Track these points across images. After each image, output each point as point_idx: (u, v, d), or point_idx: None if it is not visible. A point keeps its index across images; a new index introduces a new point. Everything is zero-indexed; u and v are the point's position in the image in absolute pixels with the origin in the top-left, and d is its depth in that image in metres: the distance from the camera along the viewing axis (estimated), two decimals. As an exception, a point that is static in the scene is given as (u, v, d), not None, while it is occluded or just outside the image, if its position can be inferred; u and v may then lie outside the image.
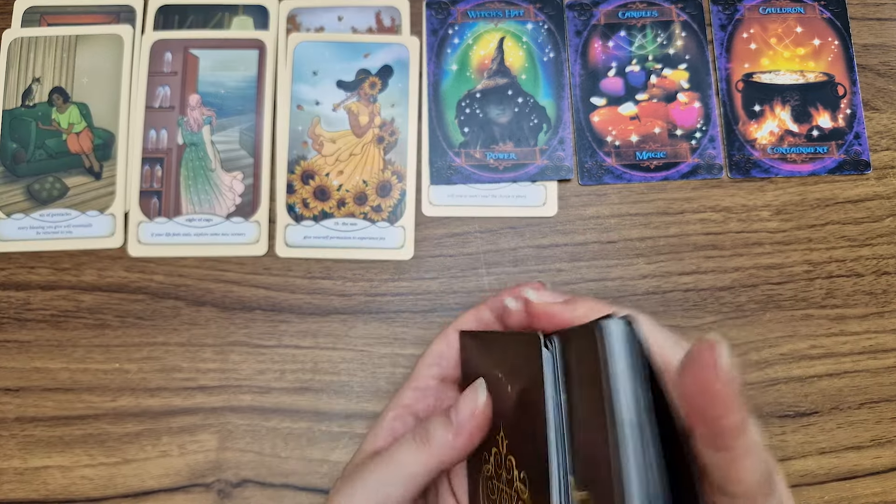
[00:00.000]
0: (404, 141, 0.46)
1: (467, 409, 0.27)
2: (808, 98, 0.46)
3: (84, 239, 0.44)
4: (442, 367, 0.32)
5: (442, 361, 0.32)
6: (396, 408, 0.31)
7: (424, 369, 0.32)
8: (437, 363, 0.32)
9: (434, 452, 0.27)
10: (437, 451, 0.27)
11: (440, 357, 0.32)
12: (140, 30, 0.47)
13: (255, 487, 0.40)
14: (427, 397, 0.31)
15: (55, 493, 0.40)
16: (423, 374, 0.32)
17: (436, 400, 0.32)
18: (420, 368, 0.32)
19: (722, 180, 0.45)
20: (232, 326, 0.43)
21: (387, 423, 0.30)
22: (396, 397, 0.32)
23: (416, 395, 0.31)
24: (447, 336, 0.33)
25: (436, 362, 0.32)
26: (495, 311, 0.33)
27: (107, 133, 0.45)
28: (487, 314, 0.33)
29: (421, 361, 0.32)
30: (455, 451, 0.27)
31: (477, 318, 0.33)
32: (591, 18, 0.48)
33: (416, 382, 0.32)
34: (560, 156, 0.45)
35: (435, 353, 0.32)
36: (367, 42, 0.47)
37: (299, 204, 0.45)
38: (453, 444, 0.27)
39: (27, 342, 0.42)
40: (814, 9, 0.48)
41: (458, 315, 0.33)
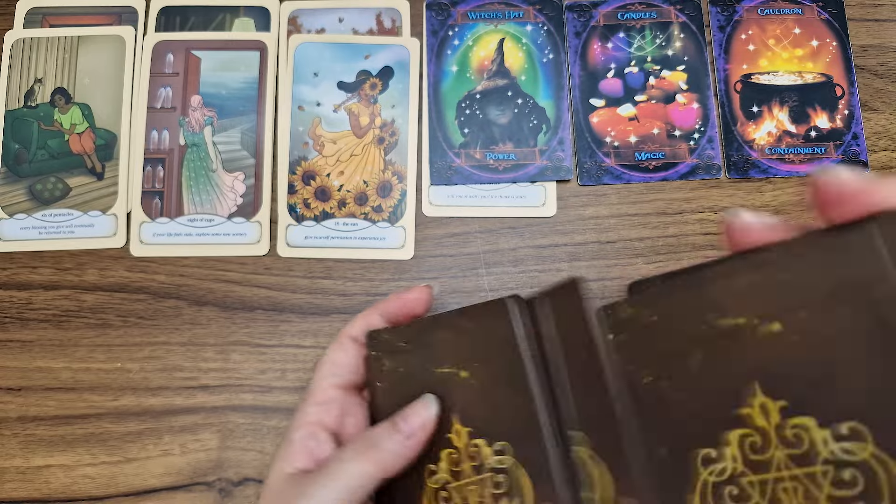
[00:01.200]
0: (405, 141, 0.46)
1: (417, 419, 0.27)
2: (806, 99, 0.47)
3: (86, 239, 0.44)
4: (341, 377, 0.31)
5: (341, 371, 0.32)
6: (303, 426, 0.30)
7: (323, 381, 0.31)
8: (334, 373, 0.32)
9: (380, 461, 0.27)
10: (383, 459, 0.27)
11: (337, 366, 0.32)
12: (142, 31, 0.47)
13: (257, 486, 0.40)
14: (332, 410, 0.31)
15: (57, 491, 0.40)
16: (322, 385, 0.31)
17: (340, 410, 0.31)
18: (318, 381, 0.32)
19: (720, 181, 0.46)
20: (233, 326, 0.43)
21: (298, 443, 0.30)
22: (300, 416, 0.31)
23: (321, 410, 0.31)
24: (342, 344, 0.32)
25: (333, 372, 0.32)
26: (384, 316, 0.33)
27: (109, 133, 0.46)
28: (377, 319, 0.33)
29: (317, 374, 0.32)
30: (402, 459, 0.27)
31: (367, 324, 0.32)
32: (590, 20, 0.48)
33: (316, 397, 0.31)
34: (559, 156, 0.46)
35: (331, 362, 0.32)
36: (367, 43, 0.47)
37: (300, 204, 0.45)
38: (401, 452, 0.27)
39: (29, 342, 0.43)
40: (812, 10, 0.48)
41: (350, 322, 0.33)
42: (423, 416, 0.28)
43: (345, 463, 0.27)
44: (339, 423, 0.31)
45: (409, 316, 0.33)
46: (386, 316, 0.33)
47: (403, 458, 0.27)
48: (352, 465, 0.27)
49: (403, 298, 0.33)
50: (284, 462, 0.29)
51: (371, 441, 0.28)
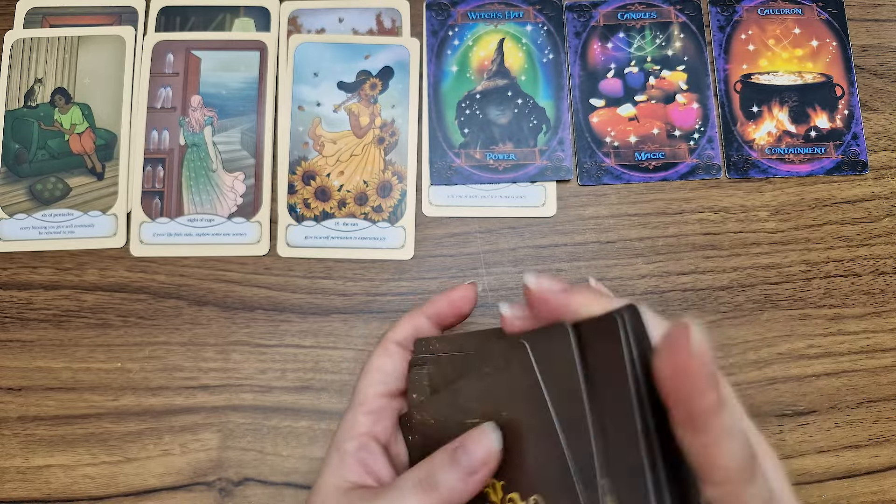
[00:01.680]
0: (404, 141, 0.46)
1: (481, 452, 0.25)
2: (806, 99, 0.47)
3: (86, 239, 0.44)
4: (387, 384, 0.30)
5: (386, 378, 0.30)
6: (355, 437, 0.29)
7: (370, 389, 0.30)
8: (381, 381, 0.30)
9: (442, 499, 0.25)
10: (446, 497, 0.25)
11: (383, 373, 0.30)
12: (142, 31, 0.47)
13: (257, 486, 0.41)
14: (383, 419, 0.30)
15: (57, 491, 0.40)
16: (369, 394, 0.30)
17: (390, 420, 0.30)
18: (365, 388, 0.30)
19: (720, 181, 0.46)
20: (233, 326, 0.43)
21: (351, 455, 0.28)
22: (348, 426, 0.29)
23: (371, 419, 0.29)
24: (387, 349, 0.31)
25: (380, 380, 0.30)
26: (432, 319, 0.31)
27: (109, 133, 0.46)
28: (424, 321, 0.31)
29: (364, 380, 0.30)
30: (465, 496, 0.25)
31: (413, 326, 0.31)
32: (590, 20, 0.48)
33: (365, 406, 0.30)
34: (559, 156, 0.46)
35: (378, 369, 0.30)
36: (367, 43, 0.47)
37: (300, 204, 0.45)
38: (464, 489, 0.25)
39: (29, 342, 0.43)
40: (812, 10, 0.48)
41: (392, 325, 0.32)
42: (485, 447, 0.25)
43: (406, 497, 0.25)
44: (389, 435, 0.30)
45: (457, 315, 0.32)
46: (433, 318, 0.32)
47: (468, 493, 0.25)
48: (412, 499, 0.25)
49: (449, 297, 0.32)
50: (337, 474, 0.28)
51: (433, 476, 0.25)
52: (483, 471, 0.25)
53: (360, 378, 0.31)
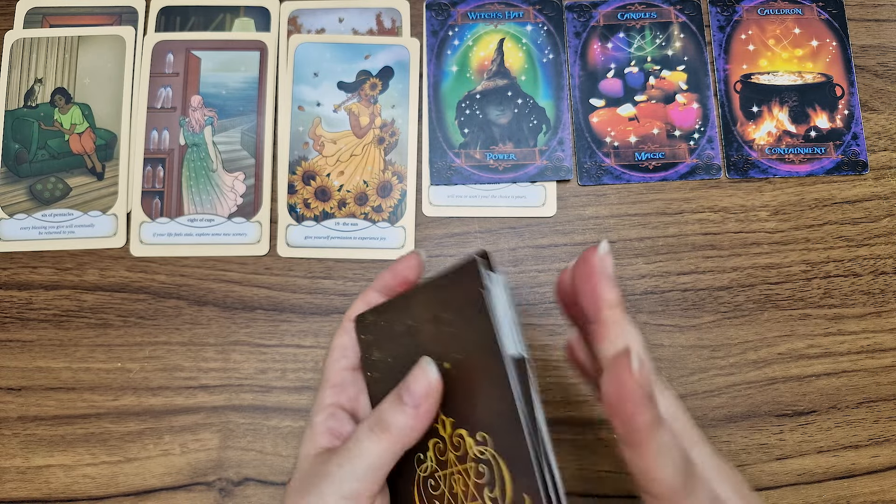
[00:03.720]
0: (405, 142, 0.46)
1: (421, 387, 0.27)
2: (806, 99, 0.47)
3: (86, 239, 0.44)
4: (349, 358, 0.33)
5: (348, 353, 0.33)
6: (322, 409, 0.31)
7: (334, 364, 0.32)
8: (342, 356, 0.33)
9: (394, 438, 0.27)
10: (398, 435, 0.27)
11: (345, 349, 0.33)
12: (142, 31, 0.47)
13: (257, 486, 0.41)
14: (346, 389, 0.32)
15: (57, 491, 0.40)
16: (334, 369, 0.32)
17: (354, 390, 0.32)
18: (330, 365, 0.33)
19: (720, 181, 0.46)
20: (233, 326, 0.43)
21: (320, 424, 0.31)
22: (318, 401, 0.32)
23: (336, 391, 0.32)
24: (345, 328, 0.33)
25: (342, 355, 0.33)
26: (382, 291, 0.33)
27: (109, 133, 0.46)
28: (375, 296, 0.33)
29: (329, 359, 0.33)
30: (414, 431, 0.27)
31: (366, 303, 0.33)
32: (590, 20, 0.48)
33: (330, 381, 0.32)
34: (559, 156, 0.46)
35: (339, 346, 0.33)
36: (367, 43, 0.47)
37: (300, 204, 0.45)
38: (413, 424, 0.27)
39: (30, 342, 0.43)
40: (812, 10, 0.48)
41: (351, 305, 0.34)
42: (424, 382, 0.27)
43: (361, 442, 0.28)
44: (355, 403, 0.32)
45: (403, 283, 0.33)
46: (383, 290, 0.33)
47: (416, 429, 0.27)
48: (368, 444, 0.27)
49: (395, 269, 0.33)
50: (309, 444, 0.30)
51: (381, 418, 0.28)
52: (426, 404, 0.27)
53: (326, 358, 0.33)
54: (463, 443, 0.27)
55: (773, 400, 0.42)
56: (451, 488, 0.27)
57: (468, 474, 0.26)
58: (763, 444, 0.41)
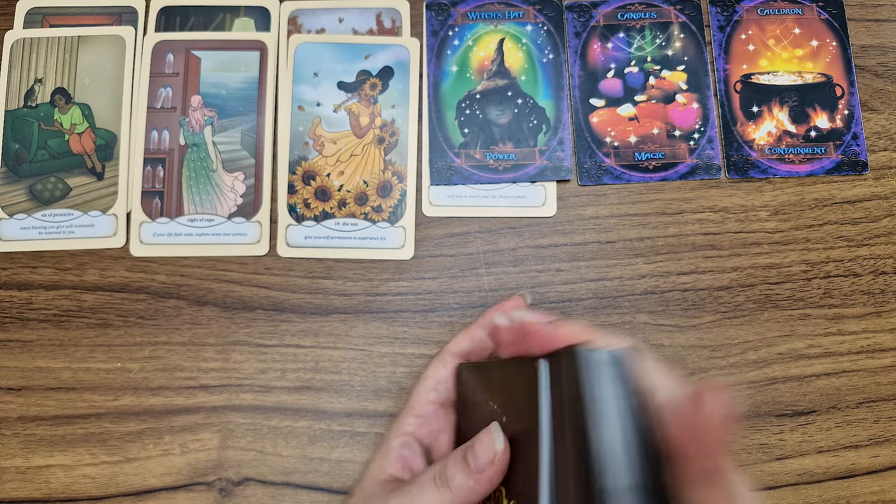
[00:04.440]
0: (405, 141, 0.46)
1: (486, 455, 0.27)
2: (806, 99, 0.47)
3: (86, 239, 0.44)
4: (440, 392, 0.32)
5: (440, 387, 0.32)
6: (400, 435, 0.32)
7: (423, 395, 0.33)
8: (434, 388, 0.33)
9: (454, 496, 0.27)
10: (458, 495, 0.27)
11: (438, 382, 0.33)
12: (142, 31, 0.47)
13: (257, 486, 0.41)
14: (429, 423, 0.32)
15: (57, 491, 0.40)
16: (422, 399, 0.32)
17: (437, 425, 0.32)
18: (419, 394, 0.33)
19: (720, 181, 0.46)
20: (233, 326, 0.43)
21: (394, 450, 0.31)
22: (398, 424, 0.32)
23: (419, 422, 0.32)
24: (444, 360, 0.33)
25: (434, 387, 0.33)
26: (487, 328, 0.33)
27: (109, 133, 0.46)
28: (480, 332, 0.33)
29: (419, 387, 0.33)
30: (475, 493, 0.27)
31: (470, 338, 0.33)
32: (590, 20, 0.48)
33: (416, 409, 0.32)
34: (559, 156, 0.46)
35: (432, 378, 0.33)
36: (367, 43, 0.47)
37: (300, 204, 0.45)
38: (474, 487, 0.27)
39: (29, 342, 0.43)
40: (812, 10, 0.48)
41: (452, 337, 0.34)
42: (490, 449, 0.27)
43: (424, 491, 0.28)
44: (435, 439, 0.32)
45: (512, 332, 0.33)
46: (486, 327, 0.33)
47: (476, 492, 0.27)
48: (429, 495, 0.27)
49: (502, 307, 0.33)
50: (379, 467, 0.30)
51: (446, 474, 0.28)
52: (490, 470, 0.26)
53: (416, 384, 0.33)
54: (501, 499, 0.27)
55: (773, 400, 0.42)
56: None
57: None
58: (763, 444, 0.41)
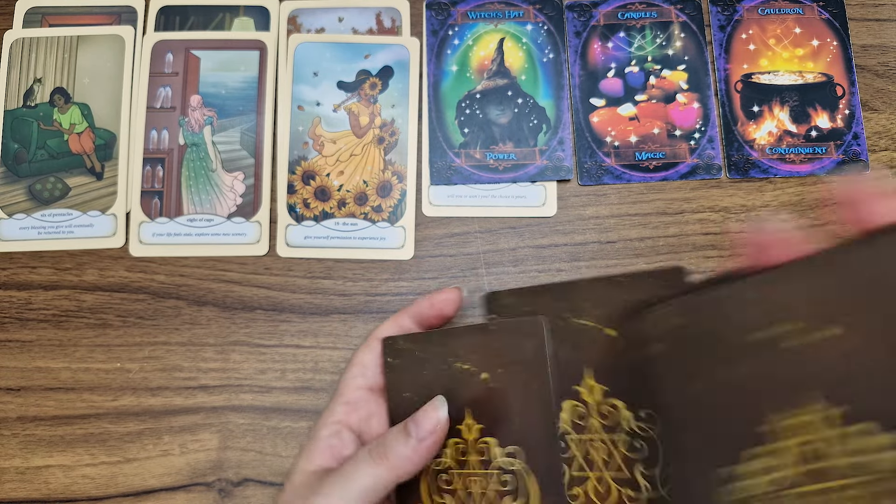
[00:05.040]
0: (404, 141, 0.46)
1: (429, 424, 0.28)
2: (806, 98, 0.47)
3: (85, 239, 0.44)
4: (367, 378, 0.32)
5: (367, 372, 0.32)
6: (329, 424, 0.31)
7: (351, 381, 0.32)
8: (362, 374, 0.32)
9: (392, 466, 0.28)
10: (396, 464, 0.28)
11: (365, 367, 0.32)
12: (141, 30, 0.47)
13: (256, 486, 0.40)
14: (358, 409, 0.32)
15: (57, 492, 0.40)
16: (350, 386, 0.32)
17: (366, 411, 0.32)
18: (346, 381, 0.33)
19: (721, 181, 0.46)
20: (233, 326, 0.43)
21: (323, 441, 0.31)
22: (327, 414, 0.32)
23: (347, 409, 0.32)
24: (370, 346, 0.33)
25: (361, 373, 0.32)
26: (415, 319, 0.33)
27: (108, 133, 0.46)
28: (408, 322, 0.33)
29: (346, 374, 0.33)
30: (413, 464, 0.28)
31: (398, 326, 0.33)
32: (590, 19, 0.48)
33: (344, 396, 0.32)
34: (559, 156, 0.45)
35: (359, 363, 0.33)
36: (367, 43, 0.47)
37: (300, 204, 0.45)
38: (412, 457, 0.28)
39: (29, 342, 0.43)
40: (812, 10, 0.48)
41: (379, 325, 0.34)
42: (433, 419, 0.28)
43: (360, 466, 0.28)
44: (365, 424, 0.32)
45: (438, 317, 0.34)
46: (416, 318, 0.33)
47: (416, 462, 0.28)
48: (366, 469, 0.28)
49: (433, 300, 0.34)
50: (308, 459, 0.30)
51: (384, 446, 0.28)
52: (430, 439, 0.28)
53: (344, 372, 0.33)
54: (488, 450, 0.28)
55: (773, 400, 0.42)
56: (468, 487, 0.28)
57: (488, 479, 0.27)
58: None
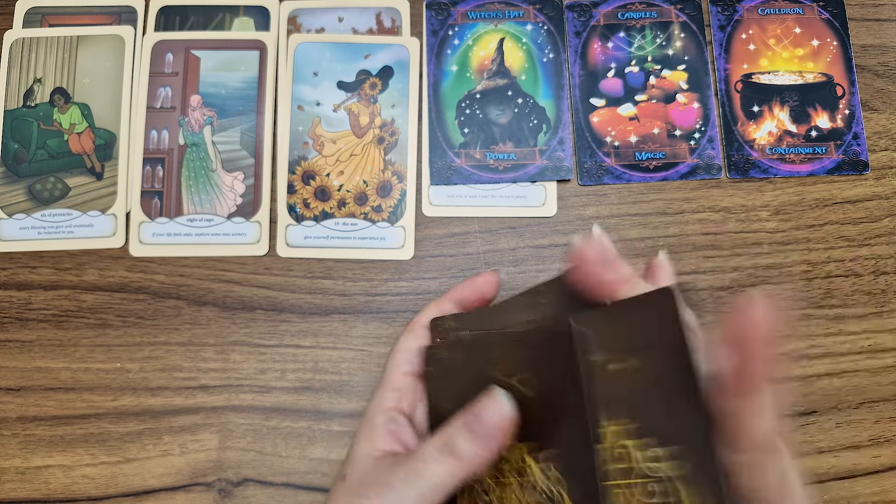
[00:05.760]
0: (404, 141, 0.46)
1: (493, 418, 0.27)
2: (806, 98, 0.47)
3: (85, 239, 0.44)
4: (413, 364, 0.32)
5: (413, 359, 0.32)
6: (383, 412, 0.31)
7: (396, 368, 0.32)
8: (406, 360, 0.32)
9: (463, 465, 0.27)
10: (467, 463, 0.27)
11: (410, 354, 0.32)
12: (141, 30, 0.47)
13: (256, 486, 0.40)
14: (406, 396, 0.32)
15: (57, 492, 0.40)
16: (396, 373, 0.32)
17: (414, 397, 0.32)
18: (392, 369, 0.32)
19: (721, 181, 0.45)
20: (233, 326, 0.43)
21: (381, 426, 0.30)
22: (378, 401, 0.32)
23: (398, 396, 0.31)
24: (414, 332, 0.33)
25: (405, 359, 0.32)
26: (457, 303, 0.33)
27: (108, 133, 0.46)
28: (450, 306, 0.33)
29: (391, 362, 0.32)
30: (483, 461, 0.27)
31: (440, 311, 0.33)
32: (590, 19, 0.48)
33: (393, 383, 0.32)
34: (559, 156, 0.45)
35: (404, 350, 0.32)
36: (367, 43, 0.47)
37: (300, 204, 0.45)
38: (480, 454, 0.27)
39: (29, 342, 0.43)
40: (812, 10, 0.48)
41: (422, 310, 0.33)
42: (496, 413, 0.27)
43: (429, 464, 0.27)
44: (413, 410, 0.32)
45: (480, 300, 0.33)
46: (458, 302, 0.33)
47: (486, 459, 0.27)
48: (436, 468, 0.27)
49: (474, 283, 0.33)
50: (368, 444, 0.30)
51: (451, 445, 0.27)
52: (499, 435, 0.26)
53: (389, 359, 0.32)
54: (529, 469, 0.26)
55: (773, 400, 0.42)
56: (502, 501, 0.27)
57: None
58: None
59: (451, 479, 0.27)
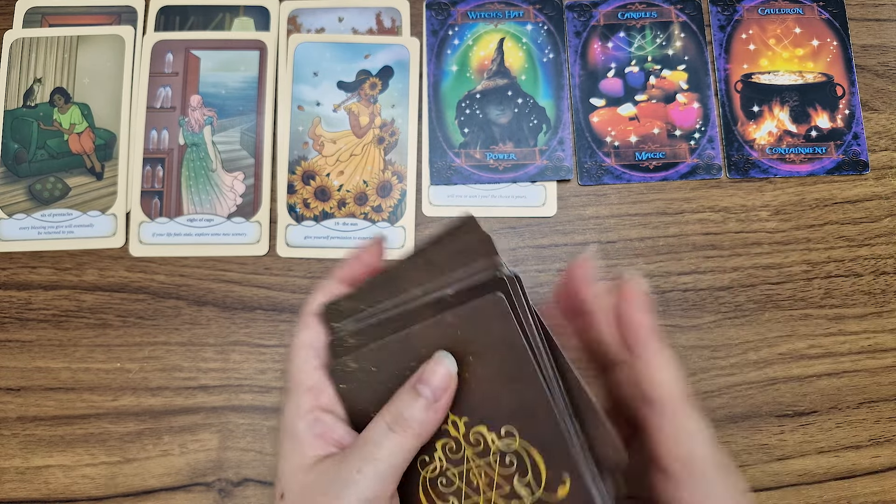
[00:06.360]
0: (404, 141, 0.46)
1: (441, 380, 0.26)
2: (806, 98, 0.47)
3: (85, 239, 0.44)
4: (319, 356, 0.30)
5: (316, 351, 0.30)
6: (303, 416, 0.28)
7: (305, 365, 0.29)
8: (312, 355, 0.29)
9: (416, 433, 0.26)
10: (419, 430, 0.26)
11: (311, 348, 0.30)
12: (141, 30, 0.47)
13: (256, 486, 0.40)
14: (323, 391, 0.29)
15: (57, 492, 0.40)
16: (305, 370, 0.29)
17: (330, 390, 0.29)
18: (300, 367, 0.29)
19: (721, 180, 0.45)
20: (233, 326, 0.43)
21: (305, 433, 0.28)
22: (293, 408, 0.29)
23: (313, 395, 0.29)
24: (307, 324, 0.30)
25: (311, 354, 0.29)
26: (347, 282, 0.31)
27: (108, 133, 0.46)
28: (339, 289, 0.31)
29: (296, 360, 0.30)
30: (433, 425, 0.26)
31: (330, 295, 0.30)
32: (590, 19, 0.48)
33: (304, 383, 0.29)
34: (559, 156, 0.45)
35: (307, 345, 0.30)
36: (367, 43, 0.47)
37: (300, 204, 0.45)
38: (434, 419, 0.26)
39: (29, 342, 0.43)
40: (812, 10, 0.48)
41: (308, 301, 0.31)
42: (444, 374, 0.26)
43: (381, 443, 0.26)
44: (335, 404, 0.29)
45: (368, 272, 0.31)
46: (346, 281, 0.31)
47: (435, 423, 0.26)
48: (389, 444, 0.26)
49: (360, 257, 0.31)
50: (295, 457, 0.28)
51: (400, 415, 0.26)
52: (445, 396, 0.26)
53: (290, 361, 0.30)
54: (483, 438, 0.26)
55: (773, 400, 0.42)
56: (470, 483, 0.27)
57: (491, 466, 0.26)
58: (764, 445, 0.41)
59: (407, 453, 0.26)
